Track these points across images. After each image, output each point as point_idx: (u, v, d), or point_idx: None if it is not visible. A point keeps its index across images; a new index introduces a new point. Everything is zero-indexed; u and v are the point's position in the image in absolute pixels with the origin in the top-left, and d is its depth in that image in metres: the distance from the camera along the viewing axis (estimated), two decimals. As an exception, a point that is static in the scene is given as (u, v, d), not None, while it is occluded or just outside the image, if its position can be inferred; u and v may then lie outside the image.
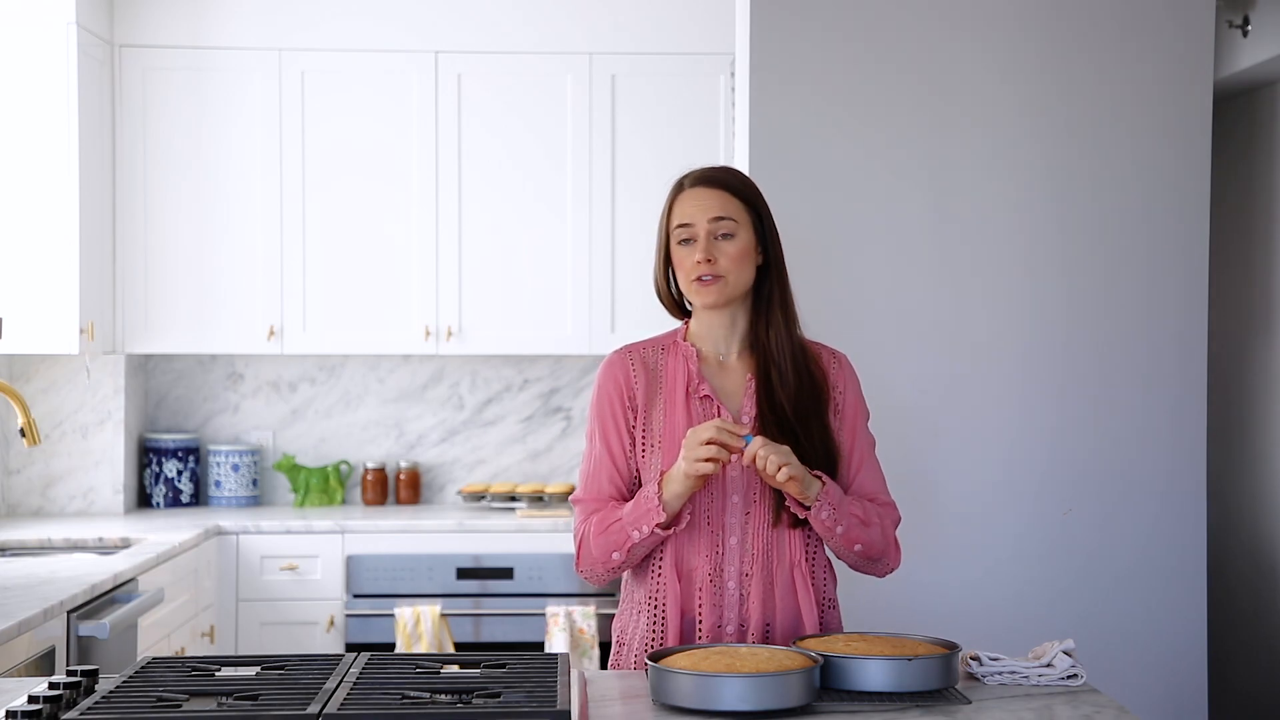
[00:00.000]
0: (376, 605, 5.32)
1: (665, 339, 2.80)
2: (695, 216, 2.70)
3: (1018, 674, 2.56)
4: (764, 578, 2.69)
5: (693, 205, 2.71)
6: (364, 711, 2.16)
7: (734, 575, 2.69)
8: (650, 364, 2.76)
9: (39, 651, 3.51)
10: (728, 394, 2.74)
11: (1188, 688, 3.97)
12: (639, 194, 5.60)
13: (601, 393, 2.76)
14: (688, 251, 2.70)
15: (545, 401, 6.00)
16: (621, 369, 2.76)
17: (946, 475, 3.93)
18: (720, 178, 2.75)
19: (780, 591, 2.70)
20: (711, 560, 2.69)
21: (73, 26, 5.11)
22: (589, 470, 2.77)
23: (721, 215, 2.69)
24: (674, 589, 2.69)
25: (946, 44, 3.95)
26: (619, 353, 2.79)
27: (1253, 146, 4.66)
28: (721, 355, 2.76)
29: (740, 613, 2.69)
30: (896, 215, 3.94)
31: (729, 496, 2.69)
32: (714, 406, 2.71)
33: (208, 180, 5.58)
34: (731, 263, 2.69)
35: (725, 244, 2.69)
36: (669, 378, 2.74)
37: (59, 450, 5.63)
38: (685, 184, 2.75)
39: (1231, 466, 4.73)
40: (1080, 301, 3.97)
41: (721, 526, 2.69)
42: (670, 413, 2.71)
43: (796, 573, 2.70)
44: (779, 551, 2.70)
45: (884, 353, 3.87)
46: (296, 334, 5.61)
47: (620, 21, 5.65)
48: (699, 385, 2.72)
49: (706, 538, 2.69)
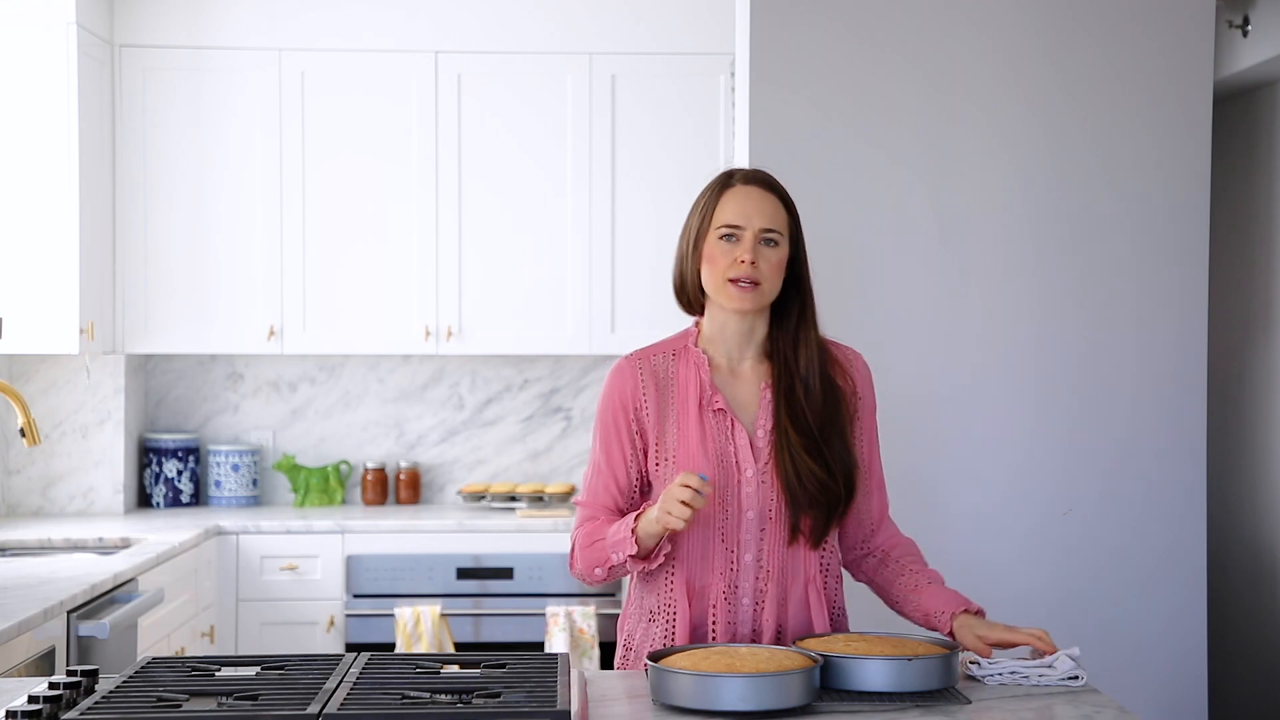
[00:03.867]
0: (376, 605, 5.32)
1: (676, 343, 2.75)
2: (747, 218, 2.64)
3: (1018, 674, 2.56)
4: (778, 594, 2.66)
5: (745, 205, 2.65)
6: (364, 711, 2.16)
7: (749, 592, 2.67)
8: (660, 374, 2.71)
9: (39, 651, 3.51)
10: (741, 405, 2.69)
11: (1188, 688, 3.97)
12: (639, 194, 5.60)
13: (607, 401, 2.72)
14: (729, 248, 2.64)
15: (545, 401, 6.00)
16: (630, 381, 2.71)
17: (946, 475, 3.93)
18: (772, 183, 2.70)
19: (794, 606, 2.68)
20: (726, 577, 2.66)
21: (73, 26, 5.11)
22: (590, 476, 2.75)
23: (772, 225, 2.65)
24: (684, 607, 2.66)
25: (946, 44, 3.95)
26: (628, 360, 2.73)
27: (1253, 146, 4.66)
28: (734, 362, 2.72)
29: (753, 630, 2.67)
30: (897, 215, 3.94)
31: (744, 512, 2.65)
32: (728, 420, 2.66)
33: (207, 180, 5.58)
34: (772, 270, 2.64)
35: (769, 251, 2.64)
36: (680, 388, 2.69)
37: (59, 450, 5.63)
38: (736, 180, 2.69)
39: (1231, 466, 4.73)
40: (1080, 301, 3.96)
41: (737, 543, 2.66)
42: (683, 426, 2.67)
43: (811, 588, 2.69)
44: (794, 567, 2.67)
45: (884, 352, 3.86)
46: (296, 334, 5.61)
47: (620, 21, 5.65)
48: (713, 397, 2.67)
49: (721, 555, 2.66)
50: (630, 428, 2.70)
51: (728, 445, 2.66)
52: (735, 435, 2.66)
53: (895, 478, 2.90)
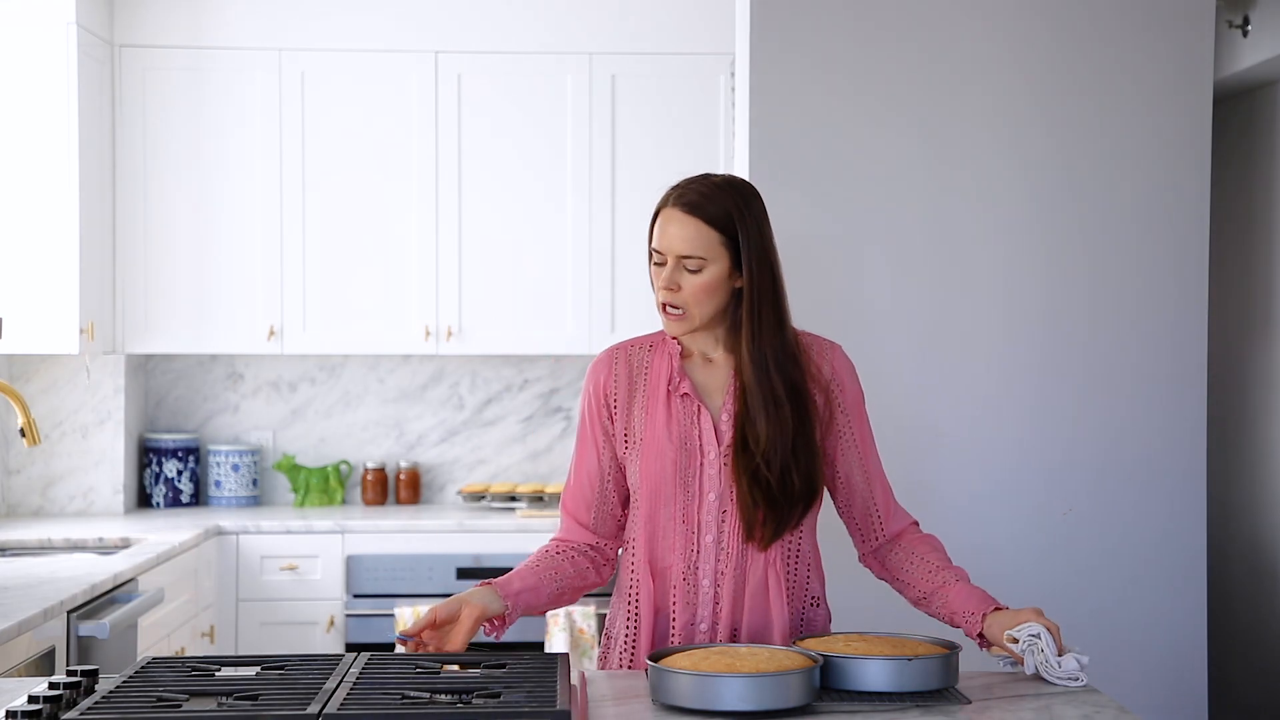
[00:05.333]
0: (376, 605, 5.32)
1: (656, 336, 2.80)
2: (667, 245, 2.66)
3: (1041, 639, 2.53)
4: (736, 576, 2.69)
5: (667, 231, 2.66)
6: (364, 711, 2.16)
7: (709, 574, 2.69)
8: (634, 362, 2.76)
9: (39, 651, 3.51)
10: (710, 391, 2.73)
11: (1188, 688, 3.97)
12: (639, 194, 5.60)
13: (585, 396, 2.80)
14: (658, 272, 2.69)
15: (545, 401, 6.00)
16: (605, 371, 2.77)
17: (946, 475, 3.93)
18: (697, 203, 2.65)
19: (751, 590, 2.69)
20: (686, 558, 2.69)
21: (73, 26, 5.11)
22: (569, 472, 2.83)
23: (689, 253, 2.64)
24: (647, 586, 2.70)
25: (946, 44, 3.95)
26: (606, 352, 2.81)
27: (1253, 146, 4.66)
28: (707, 352, 2.75)
29: (713, 611, 2.69)
30: (896, 215, 3.94)
31: (706, 494, 2.69)
32: (694, 405, 2.70)
33: (208, 180, 5.58)
34: (696, 295, 2.65)
35: (691, 277, 2.65)
36: (652, 375, 2.74)
37: (59, 450, 5.63)
38: (668, 202, 2.69)
39: (1231, 466, 4.73)
40: (1080, 301, 3.96)
41: (698, 525, 2.69)
42: (652, 410, 2.71)
43: (770, 572, 2.69)
44: (753, 550, 2.69)
45: (883, 352, 3.87)
46: (296, 334, 5.61)
47: (620, 21, 5.65)
48: (680, 382, 2.71)
49: (682, 535, 2.69)
50: (601, 417, 2.76)
51: (692, 429, 2.69)
52: (700, 419, 2.70)
53: (892, 477, 2.89)
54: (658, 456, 2.69)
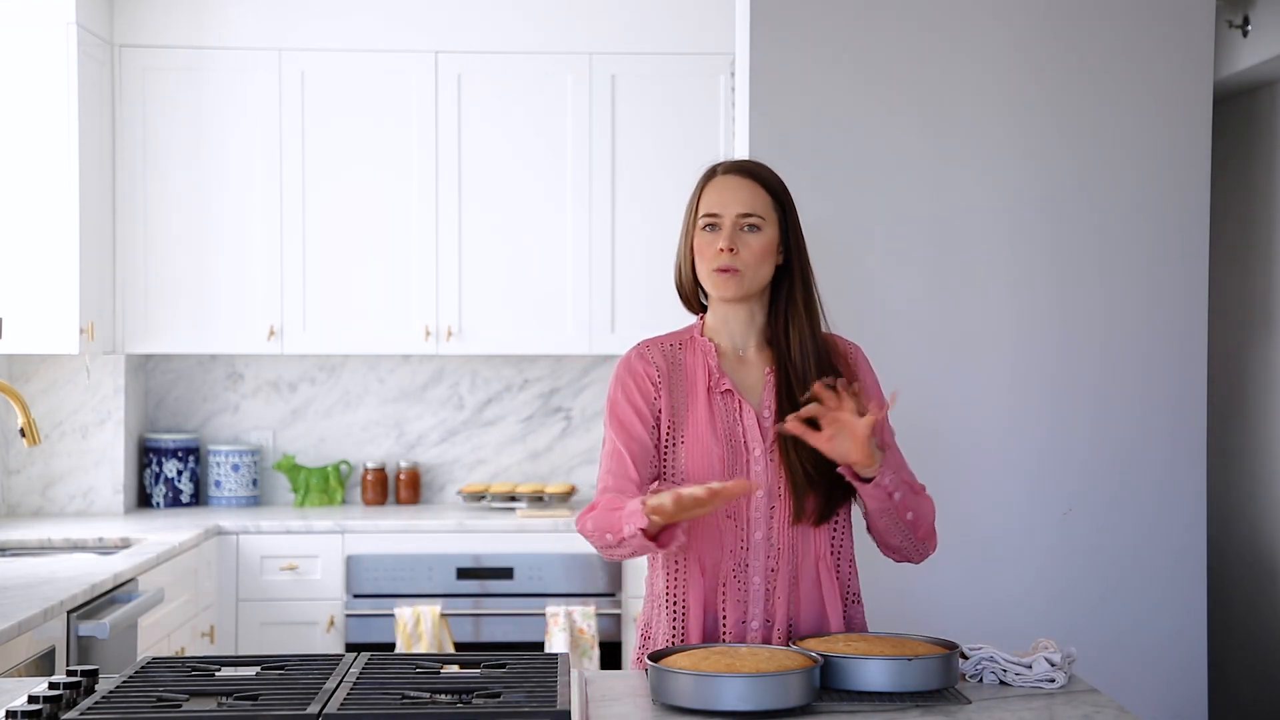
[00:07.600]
0: (376, 605, 5.32)
1: (682, 335, 2.79)
2: (724, 206, 2.69)
3: (996, 663, 2.54)
4: (789, 572, 2.67)
5: (723, 194, 2.70)
6: (364, 711, 2.16)
7: (759, 570, 2.67)
8: (670, 360, 2.74)
9: (39, 651, 3.51)
10: (747, 388, 2.72)
11: (1188, 688, 3.97)
12: (639, 194, 5.61)
13: (620, 385, 2.73)
14: (711, 239, 2.69)
15: (545, 401, 6.00)
16: (642, 363, 2.74)
17: (946, 475, 3.93)
18: (753, 169, 2.75)
19: (805, 586, 2.68)
20: (736, 555, 2.67)
21: (73, 26, 5.11)
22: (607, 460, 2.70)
23: (749, 210, 2.68)
24: (697, 585, 2.66)
25: (946, 43, 3.95)
26: (637, 348, 2.77)
27: (1253, 146, 4.66)
28: (740, 350, 2.75)
29: (766, 608, 2.67)
30: (896, 215, 3.94)
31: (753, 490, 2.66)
32: (735, 401, 2.69)
33: (208, 180, 5.58)
34: (753, 256, 2.68)
35: (749, 236, 2.68)
36: (689, 373, 2.73)
37: (59, 450, 5.63)
38: (718, 171, 2.75)
39: (1231, 466, 4.73)
40: (1080, 301, 3.97)
41: (746, 521, 2.67)
42: (693, 408, 2.70)
43: (822, 566, 2.69)
44: (804, 545, 2.68)
45: (883, 352, 3.85)
46: (296, 334, 5.61)
47: (620, 21, 5.65)
48: (720, 380, 2.70)
49: (731, 533, 2.67)
50: (649, 395, 2.70)
51: (736, 426, 2.69)
52: (743, 415, 2.69)
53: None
54: (704, 454, 2.66)
